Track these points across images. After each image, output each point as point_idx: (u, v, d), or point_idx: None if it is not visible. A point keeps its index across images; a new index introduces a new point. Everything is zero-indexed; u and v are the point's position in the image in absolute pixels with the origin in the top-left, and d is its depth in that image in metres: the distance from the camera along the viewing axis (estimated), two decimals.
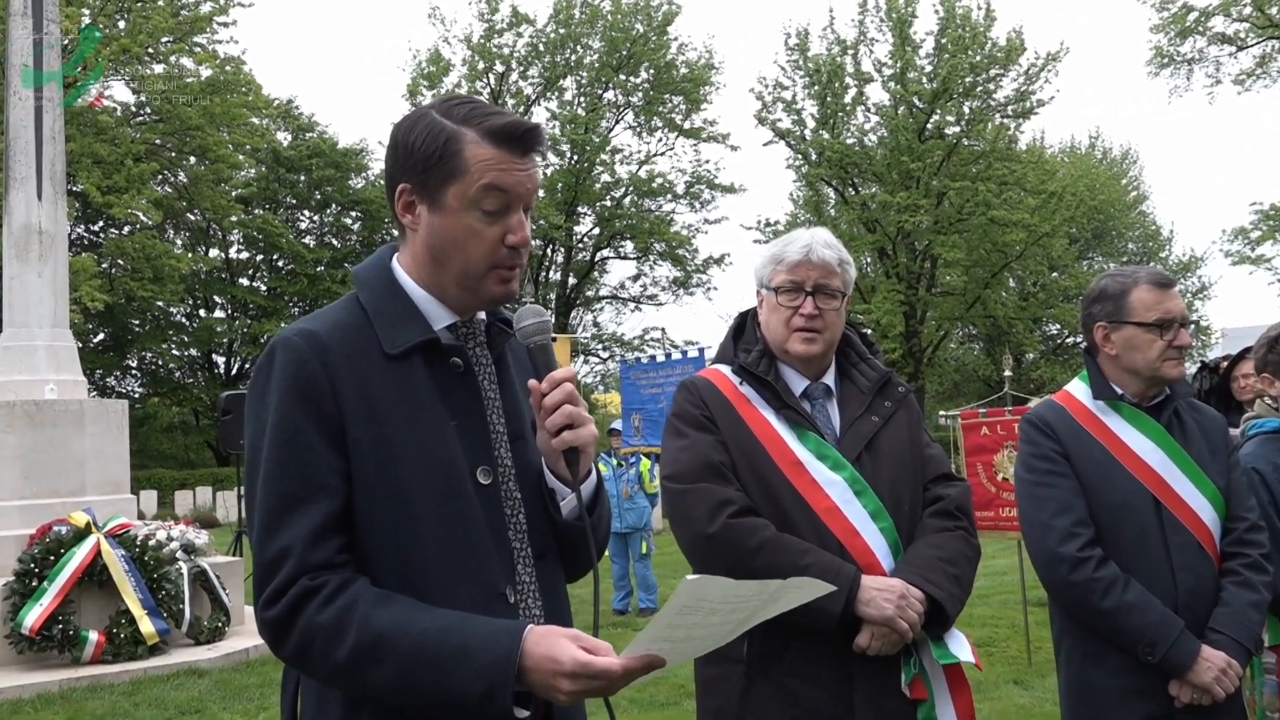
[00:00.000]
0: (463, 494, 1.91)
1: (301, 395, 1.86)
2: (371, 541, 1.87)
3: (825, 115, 39.80)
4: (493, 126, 1.93)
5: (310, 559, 1.80)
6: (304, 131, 45.44)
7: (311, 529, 1.82)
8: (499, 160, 1.92)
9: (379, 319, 1.96)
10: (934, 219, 38.24)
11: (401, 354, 1.94)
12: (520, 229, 1.95)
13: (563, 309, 45.38)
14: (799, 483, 2.81)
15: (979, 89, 38.64)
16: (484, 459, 1.97)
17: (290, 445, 1.85)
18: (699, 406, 2.94)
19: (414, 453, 1.89)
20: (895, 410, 3.00)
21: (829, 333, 2.95)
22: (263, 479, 1.87)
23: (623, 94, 44.31)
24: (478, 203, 1.92)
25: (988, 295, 41.30)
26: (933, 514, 2.91)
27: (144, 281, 34.84)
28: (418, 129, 1.96)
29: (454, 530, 1.89)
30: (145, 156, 34.50)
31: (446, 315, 2.02)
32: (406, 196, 1.98)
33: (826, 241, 2.98)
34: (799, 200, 46.20)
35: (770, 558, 2.69)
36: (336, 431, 1.86)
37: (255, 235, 42.82)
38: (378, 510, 1.87)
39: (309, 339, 1.90)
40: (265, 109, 41.18)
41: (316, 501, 1.83)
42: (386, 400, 1.90)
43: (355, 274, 2.08)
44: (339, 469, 1.86)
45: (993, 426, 8.84)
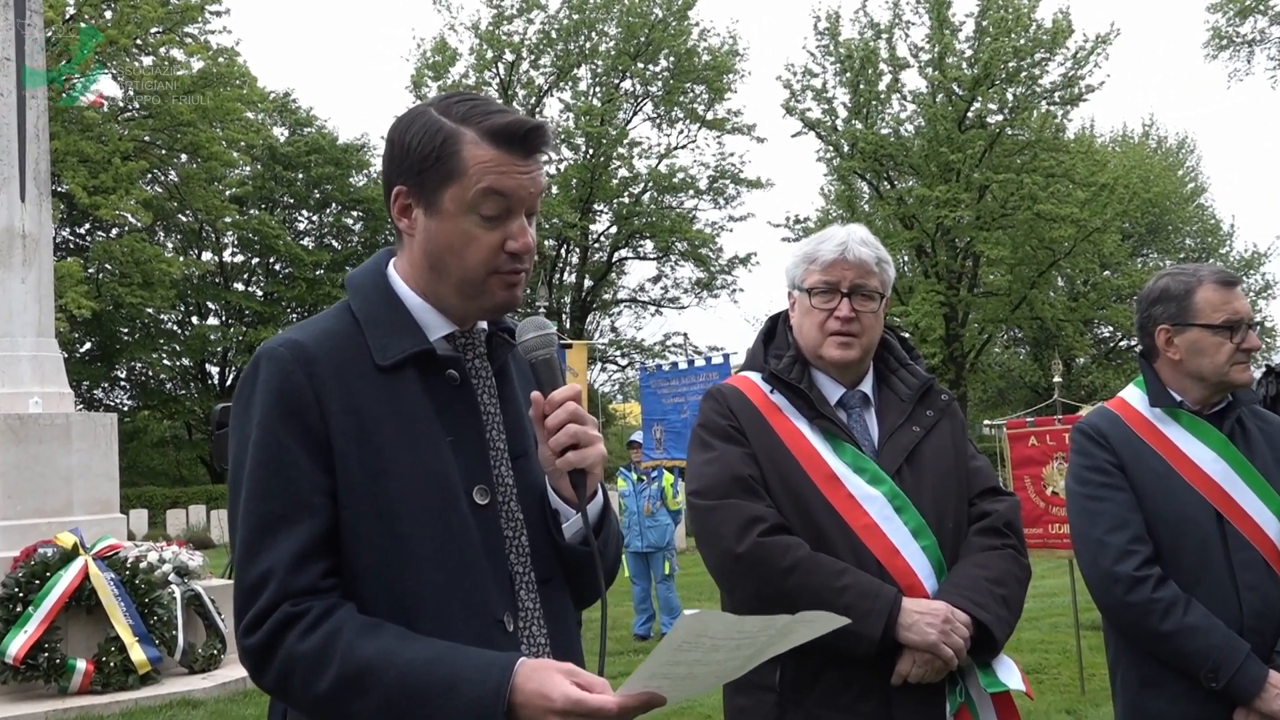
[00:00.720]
0: (458, 514, 1.91)
1: (286, 409, 1.87)
2: (359, 564, 1.87)
3: (858, 104, 39.75)
4: (493, 126, 1.92)
5: (293, 583, 1.80)
6: (302, 126, 45.71)
7: (295, 551, 1.82)
8: (499, 162, 1.92)
9: (371, 328, 1.97)
10: (976, 214, 38.12)
11: (394, 365, 1.94)
12: (522, 235, 1.95)
13: (578, 313, 45.45)
14: (835, 498, 2.80)
15: (1023, 74, 38.51)
16: (482, 477, 1.97)
17: (273, 463, 1.86)
18: (726, 416, 2.93)
19: (405, 470, 1.89)
20: (938, 419, 2.99)
21: (866, 337, 2.95)
22: (244, 498, 1.87)
23: (641, 83, 44.40)
24: (476, 207, 1.92)
25: (1034, 295, 41.13)
26: (979, 531, 2.90)
27: (133, 287, 35.10)
28: (414, 128, 1.96)
29: (448, 553, 1.89)
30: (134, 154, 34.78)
31: (444, 325, 2.02)
32: (403, 199, 1.98)
33: (863, 239, 2.97)
34: (830, 195, 46.15)
35: (803, 578, 2.68)
36: (322, 448, 1.87)
37: (250, 237, 43.08)
38: (366, 531, 1.87)
39: (294, 350, 1.91)
40: (261, 103, 41.46)
41: (300, 522, 1.83)
42: (377, 414, 1.90)
43: (349, 280, 2.09)
44: (325, 487, 1.86)
45: (1041, 437, 8.80)
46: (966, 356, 41.16)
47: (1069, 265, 42.63)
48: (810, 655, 2.67)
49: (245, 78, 38.72)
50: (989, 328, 42.53)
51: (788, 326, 3.10)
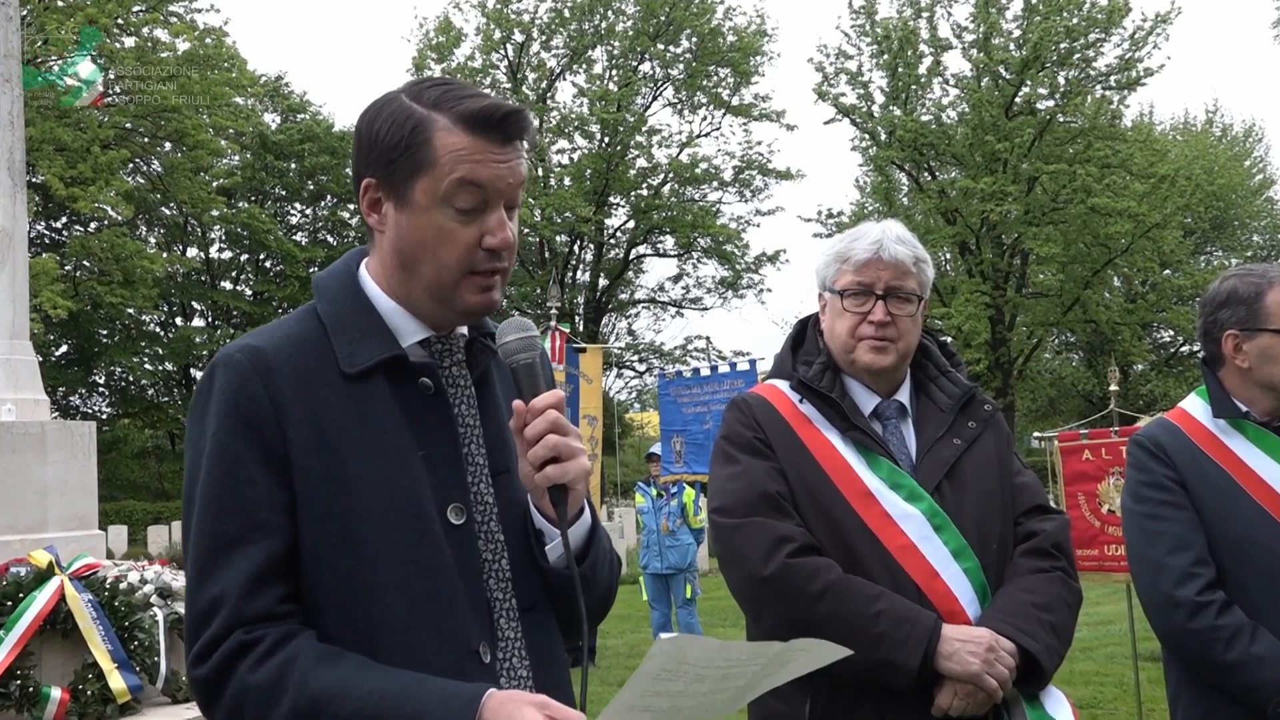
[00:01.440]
0: (429, 535, 1.89)
1: (241, 420, 1.86)
2: (320, 589, 1.86)
3: (896, 88, 39.69)
4: (467, 111, 1.91)
5: (246, 609, 1.80)
6: (295, 113, 45.90)
7: (248, 575, 1.81)
8: (474, 150, 1.91)
9: (338, 333, 1.97)
10: (1024, 208, 38.02)
11: (361, 373, 1.93)
12: (500, 229, 1.94)
13: (593, 315, 45.51)
14: (869, 516, 2.81)
15: (1076, 56, 38.40)
16: (457, 495, 1.95)
17: (227, 478, 1.85)
18: (752, 428, 2.94)
19: (371, 486, 1.87)
20: (980, 431, 2.99)
21: (903, 342, 2.96)
22: (196, 516, 1.87)
23: (661, 66, 44.43)
24: (449, 199, 1.91)
25: (1088, 297, 40.99)
26: (1025, 552, 2.90)
27: (113, 286, 35.24)
28: (383, 116, 1.96)
29: (417, 577, 1.87)
30: (114, 143, 34.93)
31: (419, 329, 2.02)
32: (372, 193, 1.98)
33: (899, 236, 2.98)
34: (866, 187, 46.08)
35: (835, 603, 2.68)
36: (280, 462, 1.86)
37: (239, 232, 43.25)
38: (327, 553, 1.86)
39: (252, 356, 1.91)
40: (251, 87, 41.59)
41: (255, 542, 1.83)
42: (341, 426, 1.89)
43: (315, 282, 2.09)
44: (282, 505, 1.86)
45: (1096, 450, 8.77)
46: (1014, 363, 41.04)
47: (1126, 264, 42.46)
48: (844, 686, 2.67)
49: (234, 60, 38.86)
50: (1038, 331, 42.40)
51: (818, 331, 3.11)
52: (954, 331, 37.30)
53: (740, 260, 45.94)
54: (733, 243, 45.07)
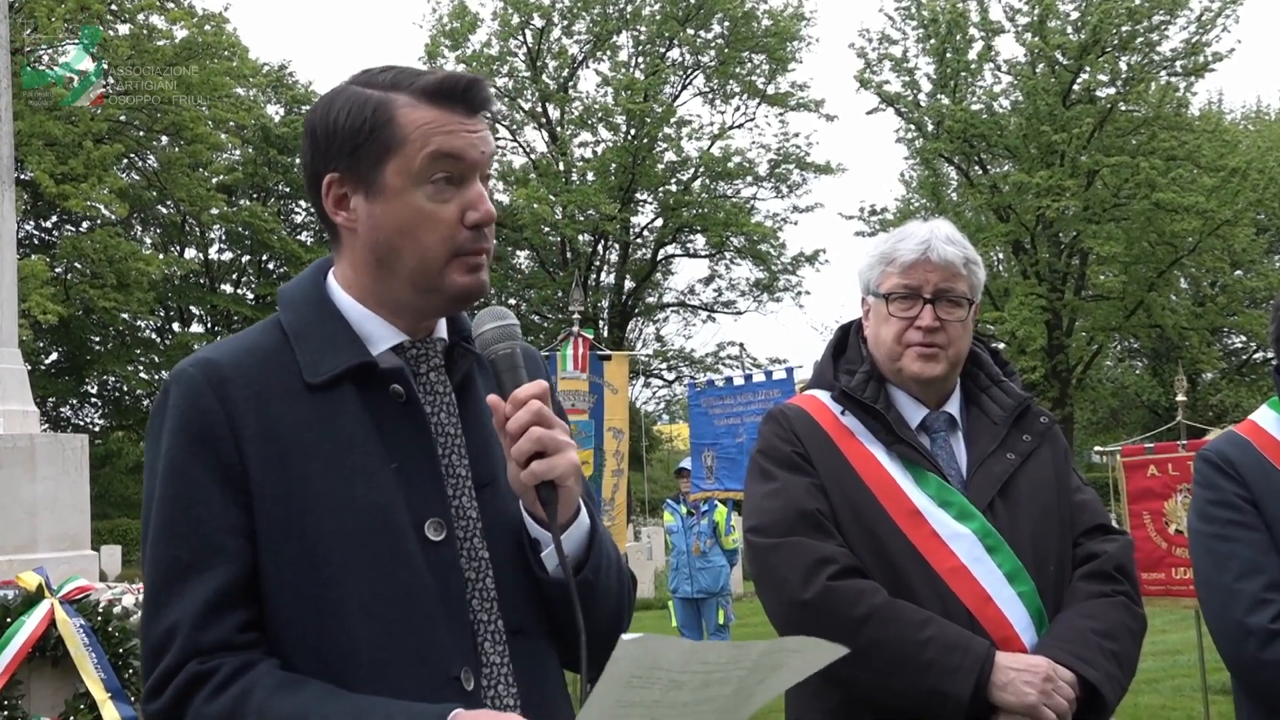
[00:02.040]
0: (402, 553, 1.88)
1: (194, 438, 1.87)
2: (284, 615, 1.86)
3: (944, 75, 39.63)
4: (428, 84, 1.94)
5: (201, 639, 1.80)
6: (299, 104, 46.13)
7: (203, 602, 1.81)
8: (443, 121, 1.93)
9: (301, 343, 1.97)
10: (1083, 204, 37.88)
11: (326, 383, 1.93)
12: (482, 202, 1.95)
13: (618, 319, 45.55)
14: (916, 536, 2.81)
15: (1139, 40, 38.26)
16: (435, 509, 1.94)
17: (181, 500, 1.86)
18: (790, 441, 2.95)
19: (336, 503, 1.87)
20: (1036, 445, 2.99)
21: (953, 349, 2.96)
22: (150, 543, 1.88)
23: (691, 52, 44.48)
24: (426, 175, 1.92)
25: (1153, 299, 40.78)
26: (1085, 575, 2.90)
27: (106, 289, 35.46)
28: (337, 105, 1.97)
29: (391, 600, 1.86)
30: (108, 137, 35.18)
31: (392, 334, 2.01)
32: (336, 189, 1.98)
33: (948, 236, 2.99)
34: (912, 182, 45.99)
35: (880, 629, 2.69)
36: (237, 480, 1.86)
37: (240, 231, 43.52)
38: (290, 575, 1.85)
39: (206, 369, 1.91)
40: (253, 77, 41.87)
41: (211, 567, 1.83)
42: (303, 440, 1.89)
43: (280, 293, 2.10)
44: (240, 526, 1.86)
45: (1162, 465, 8.73)
46: (1073, 371, 40.86)
47: (1193, 264, 42.22)
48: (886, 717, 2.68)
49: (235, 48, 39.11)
50: (1099, 337, 42.18)
51: (861, 338, 3.12)
52: (1007, 337, 37.16)
53: (776, 261, 45.87)
54: (768, 242, 45.00)
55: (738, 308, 47.97)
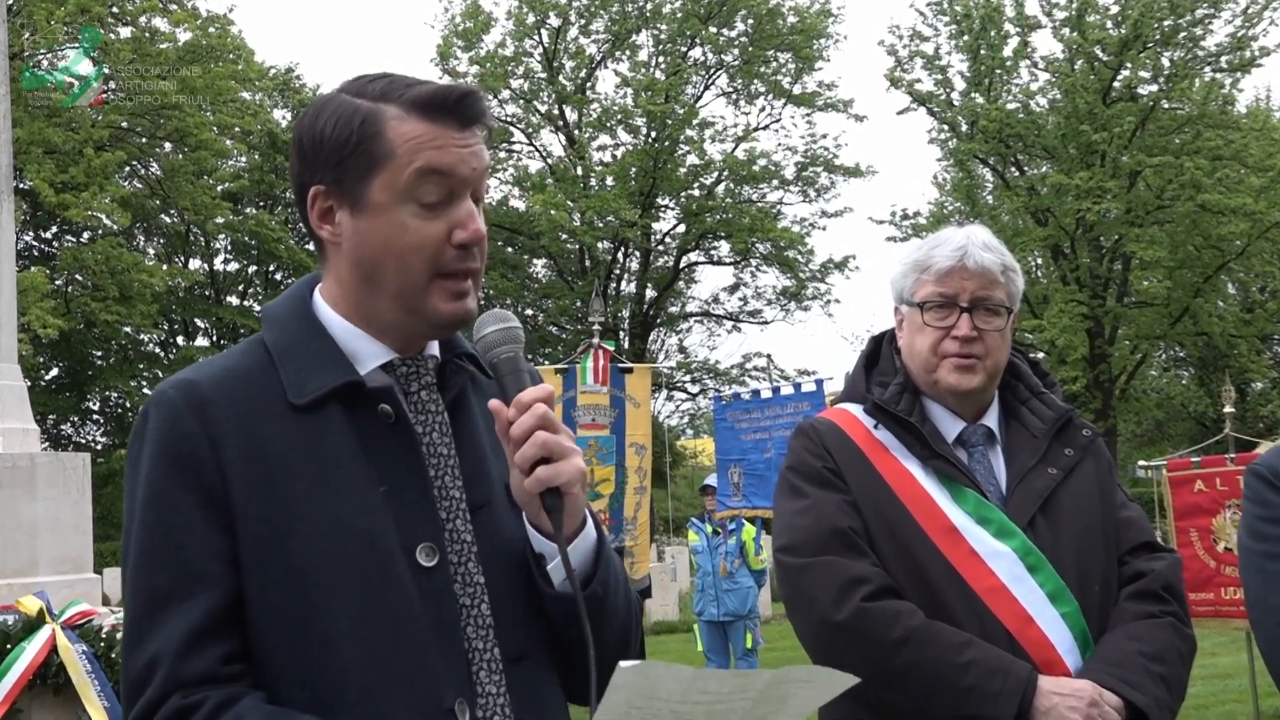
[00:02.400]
0: (392, 579, 1.88)
1: (174, 461, 1.87)
2: (270, 644, 1.86)
3: (979, 73, 39.57)
4: (419, 96, 1.94)
5: (183, 671, 1.79)
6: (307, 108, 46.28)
7: (186, 632, 1.81)
8: (432, 135, 1.92)
9: (285, 362, 1.97)
10: (1125, 206, 37.76)
11: (311, 403, 1.93)
12: (471, 221, 1.95)
13: (639, 330, 45.55)
14: (954, 555, 2.81)
15: (1182, 35, 38.13)
16: (428, 534, 1.94)
17: (161, 527, 1.86)
18: (821, 456, 2.95)
19: (323, 528, 1.87)
20: (1079, 459, 2.99)
21: (990, 360, 2.96)
22: (130, 571, 1.88)
23: (713, 51, 44.51)
24: (412, 192, 1.91)
25: (1199, 306, 40.63)
26: (1132, 595, 2.89)
27: (108, 302, 35.57)
28: (324, 115, 1.97)
29: (380, 628, 1.86)
30: (109, 144, 35.30)
31: (381, 352, 2.01)
32: (321, 201, 1.98)
33: (985, 242, 2.99)
34: (945, 184, 45.88)
35: (917, 653, 2.69)
36: (220, 505, 1.86)
37: (246, 241, 43.66)
38: (276, 603, 1.85)
39: (185, 391, 1.92)
40: (259, 80, 42.01)
41: (193, 596, 1.83)
42: (288, 462, 1.89)
43: (264, 311, 2.11)
44: (223, 553, 1.85)
45: (1210, 480, 8.71)
46: (1115, 381, 40.71)
47: (1241, 268, 42.06)
48: None
49: (240, 51, 39.27)
50: (1143, 346, 42.02)
51: (894, 348, 3.13)
52: (1047, 346, 37.04)
53: (804, 268, 45.80)
54: (796, 248, 44.95)
55: (764, 317, 47.93)
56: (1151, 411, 47.89)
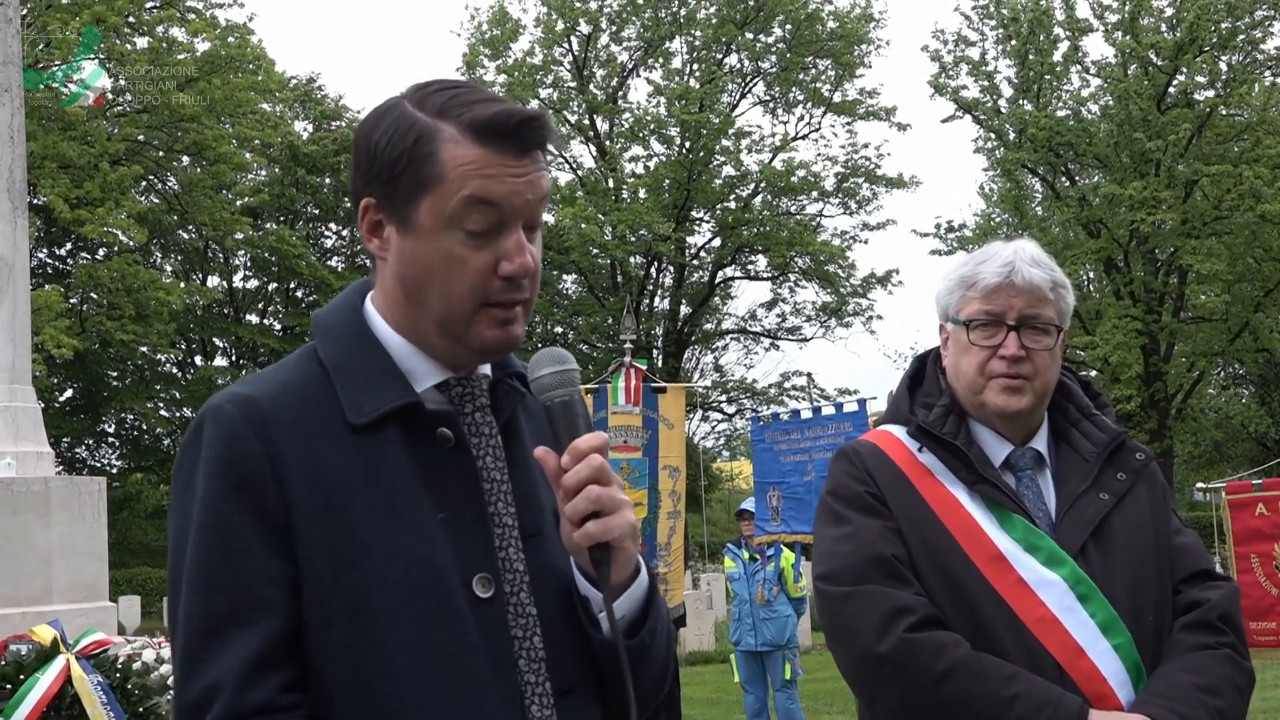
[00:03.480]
0: (451, 611, 1.90)
1: (234, 483, 1.87)
2: (328, 675, 1.87)
3: (1027, 79, 39.52)
4: (477, 118, 1.91)
5: (244, 700, 1.80)
6: (329, 120, 46.60)
7: (245, 660, 1.82)
8: (486, 163, 1.91)
9: (342, 378, 1.97)
10: (1181, 217, 37.64)
11: (371, 424, 1.94)
12: (519, 253, 1.94)
13: (673, 348, 45.58)
14: (1002, 584, 2.80)
15: (1240, 38, 38.04)
16: (483, 564, 1.95)
17: (219, 550, 1.86)
18: (864, 481, 2.95)
19: (384, 557, 1.88)
20: (1132, 484, 2.98)
21: (1039, 380, 2.95)
22: (185, 595, 1.88)
23: (750, 58, 44.61)
24: (459, 220, 1.91)
25: (1259, 321, 40.40)
26: (1187, 626, 2.88)
27: (124, 321, 35.82)
28: (383, 125, 1.97)
29: (439, 661, 1.88)
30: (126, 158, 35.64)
31: (435, 371, 2.02)
32: (372, 214, 1.99)
33: (1034, 258, 2.98)
34: (992, 195, 45.82)
35: (964, 685, 2.68)
36: (280, 529, 1.87)
37: (267, 257, 43.92)
38: (336, 634, 1.86)
39: (245, 407, 1.92)
40: (279, 92, 42.41)
41: (253, 623, 1.84)
42: (348, 486, 1.89)
43: (315, 320, 2.11)
44: (283, 579, 1.86)
45: (1272, 503, 8.66)
46: (1172, 400, 40.51)
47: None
48: None
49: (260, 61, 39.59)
50: (1200, 363, 41.81)
51: (939, 368, 3.12)
52: (1100, 364, 36.91)
53: (845, 283, 45.78)
54: (836, 262, 44.93)
55: (803, 334, 47.93)
56: (1209, 432, 47.58)
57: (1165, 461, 37.98)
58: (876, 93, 44.90)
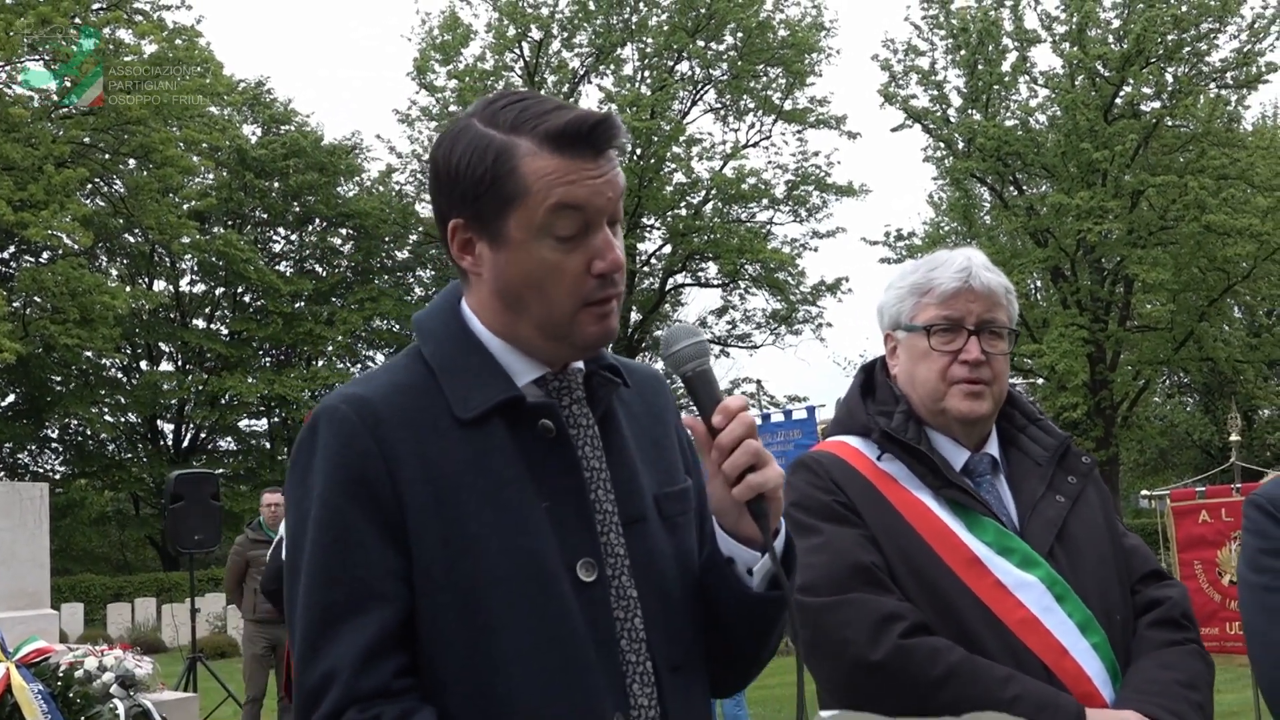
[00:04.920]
0: (557, 597, 1.99)
1: (350, 479, 1.98)
2: (440, 661, 1.96)
3: (976, 89, 39.72)
4: (551, 129, 2.00)
5: (360, 686, 1.90)
6: (278, 124, 46.33)
7: (362, 648, 1.92)
8: (565, 170, 1.99)
9: (448, 376, 2.08)
10: (1127, 227, 37.91)
11: (478, 418, 2.04)
12: (609, 250, 2.04)
13: (624, 354, 45.33)
14: (979, 587, 2.81)
15: (1186, 50, 38.35)
16: (587, 550, 2.05)
17: (337, 543, 1.97)
18: (830, 491, 2.94)
19: (494, 546, 1.97)
20: (1083, 487, 3.01)
21: (998, 384, 2.97)
22: (304, 587, 1.99)
23: (701, 65, 44.62)
24: (549, 229, 2.00)
25: (1204, 330, 40.76)
26: (1153, 623, 2.92)
27: (68, 325, 35.46)
28: (459, 148, 2.05)
29: (546, 644, 1.97)
30: (71, 160, 35.24)
31: (532, 368, 2.12)
32: (461, 234, 2.08)
33: (986, 263, 3.01)
34: (941, 204, 46.09)
35: (962, 689, 2.66)
36: (395, 523, 1.97)
37: (214, 261, 43.55)
38: (447, 621, 1.96)
39: (359, 407, 2.01)
40: (227, 95, 42.04)
41: (368, 612, 1.94)
42: (458, 480, 1.99)
43: (416, 323, 2.21)
44: (397, 570, 1.97)
45: (1215, 511, 8.73)
46: (1117, 409, 40.80)
47: (1248, 291, 42.26)
48: None
49: (209, 64, 39.25)
50: (1146, 371, 42.14)
51: (888, 377, 3.12)
52: (1046, 371, 37.13)
53: (795, 290, 45.86)
54: (786, 270, 45.02)
55: (753, 341, 47.98)
56: (1154, 439, 48.00)
57: (1111, 469, 38.27)
58: (827, 101, 44.96)
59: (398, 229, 46.16)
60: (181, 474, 15.00)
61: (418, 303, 48.23)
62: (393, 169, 46.38)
